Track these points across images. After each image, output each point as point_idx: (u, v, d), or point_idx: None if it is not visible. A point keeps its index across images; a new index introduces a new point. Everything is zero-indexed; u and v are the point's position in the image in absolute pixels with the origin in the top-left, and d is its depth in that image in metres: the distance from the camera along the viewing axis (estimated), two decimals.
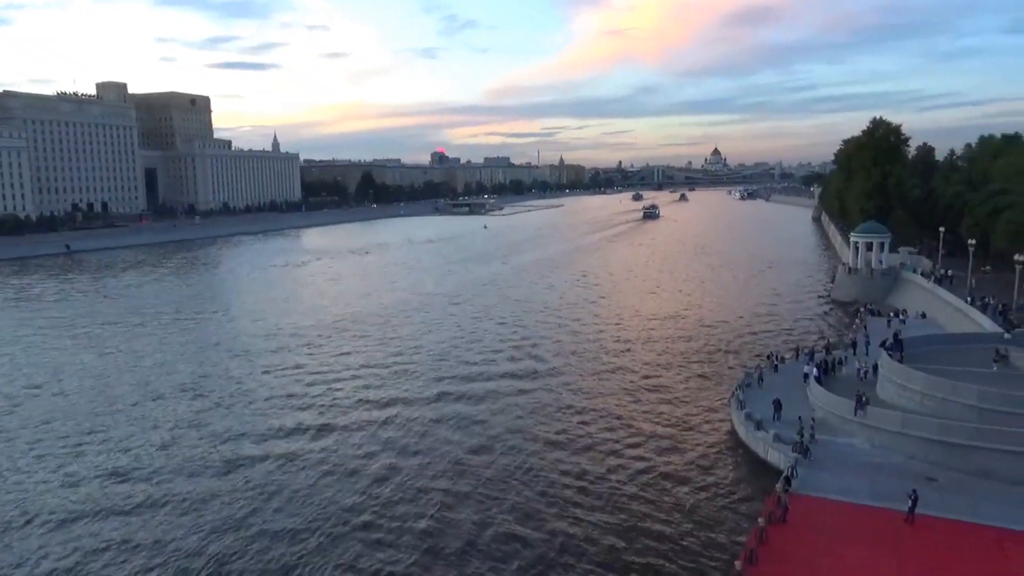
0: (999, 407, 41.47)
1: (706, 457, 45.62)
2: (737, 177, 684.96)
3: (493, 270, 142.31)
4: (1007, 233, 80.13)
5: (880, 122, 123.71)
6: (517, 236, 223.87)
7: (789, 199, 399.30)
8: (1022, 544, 32.50)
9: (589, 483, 42.27)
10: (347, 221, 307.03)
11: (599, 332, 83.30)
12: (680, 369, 66.38)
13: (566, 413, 54.52)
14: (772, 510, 34.84)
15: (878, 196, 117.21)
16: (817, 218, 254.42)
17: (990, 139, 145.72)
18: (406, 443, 48.95)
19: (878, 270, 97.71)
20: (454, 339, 79.87)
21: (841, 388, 49.55)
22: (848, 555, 31.85)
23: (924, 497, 34.69)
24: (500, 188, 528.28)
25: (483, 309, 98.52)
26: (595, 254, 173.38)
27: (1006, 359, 50.90)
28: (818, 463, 40.42)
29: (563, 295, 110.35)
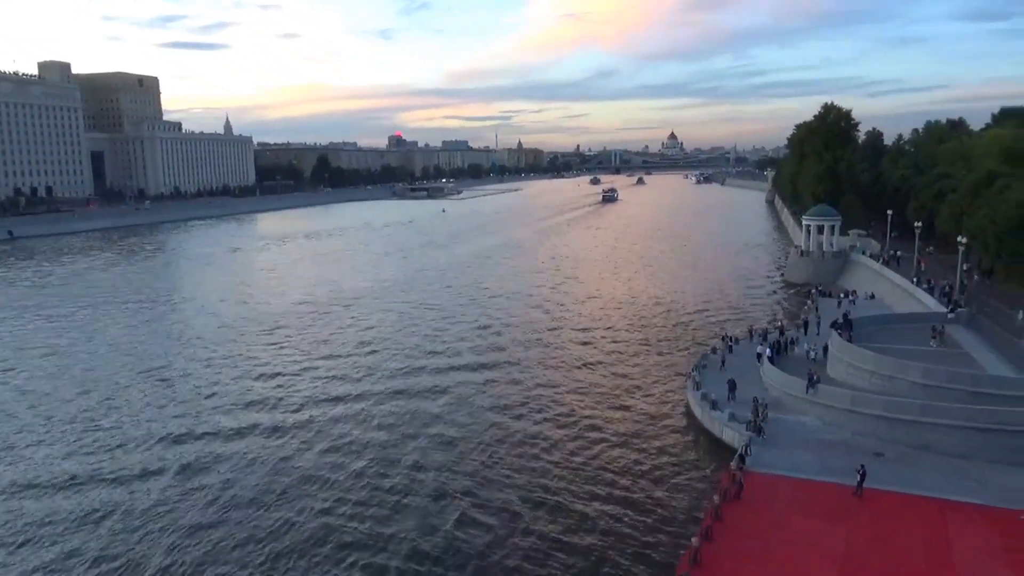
0: (942, 384, 43.08)
1: (663, 437, 46.46)
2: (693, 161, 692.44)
3: (453, 255, 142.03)
4: (950, 216, 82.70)
5: (831, 107, 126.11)
6: (476, 220, 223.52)
7: (744, 183, 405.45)
8: (962, 513, 33.92)
9: (550, 464, 42.77)
10: (303, 206, 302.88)
11: (560, 315, 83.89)
12: (639, 351, 67.28)
13: (527, 396, 54.85)
14: (727, 487, 35.73)
15: (829, 180, 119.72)
16: (771, 201, 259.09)
17: (936, 125, 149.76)
18: (369, 432, 48.76)
19: (829, 252, 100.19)
20: (416, 325, 79.59)
21: (793, 367, 50.83)
22: (800, 528, 32.89)
23: (872, 471, 35.95)
24: (458, 172, 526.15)
25: (444, 294, 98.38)
26: (555, 237, 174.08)
27: (942, 335, 53.66)
28: (771, 441, 41.51)
29: (524, 279, 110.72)
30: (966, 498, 35.13)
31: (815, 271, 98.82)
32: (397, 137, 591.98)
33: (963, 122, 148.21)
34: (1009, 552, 30.96)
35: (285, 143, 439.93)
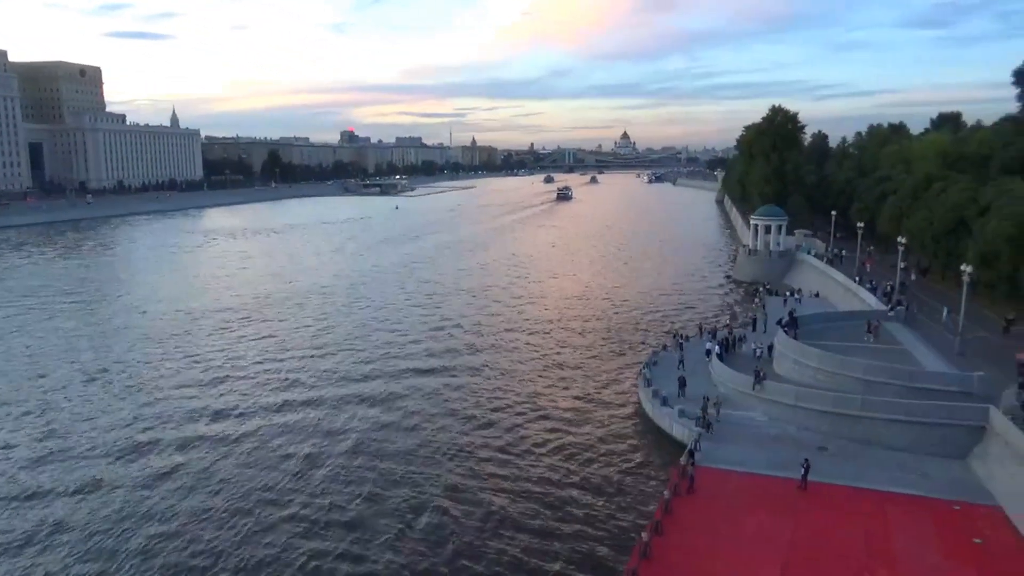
0: (882, 379, 44.51)
1: (615, 433, 47.00)
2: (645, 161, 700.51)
3: (407, 251, 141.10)
4: (891, 217, 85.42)
5: (779, 110, 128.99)
6: (430, 217, 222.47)
7: (694, 183, 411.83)
8: (901, 505, 35.17)
9: (504, 461, 42.95)
10: (253, 201, 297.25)
11: (514, 313, 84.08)
12: (592, 348, 67.88)
13: (480, 394, 54.91)
14: (677, 482, 36.36)
15: (776, 181, 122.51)
16: (720, 201, 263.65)
17: (878, 129, 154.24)
18: (323, 430, 48.25)
19: (776, 251, 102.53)
20: (369, 322, 78.90)
21: (741, 364, 51.99)
22: (747, 522, 33.65)
23: (816, 465, 37.07)
24: (412, 169, 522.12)
25: (398, 291, 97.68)
26: (510, 235, 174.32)
27: (877, 329, 56.15)
28: (720, 436, 42.37)
29: (478, 276, 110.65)
30: (905, 490, 36.44)
31: (763, 270, 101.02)
32: (350, 133, 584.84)
33: (904, 126, 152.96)
34: (944, 541, 32.22)
35: (234, 137, 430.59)
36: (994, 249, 57.80)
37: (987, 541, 31.90)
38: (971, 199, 67.61)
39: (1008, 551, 31.13)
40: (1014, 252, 55.86)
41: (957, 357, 49.64)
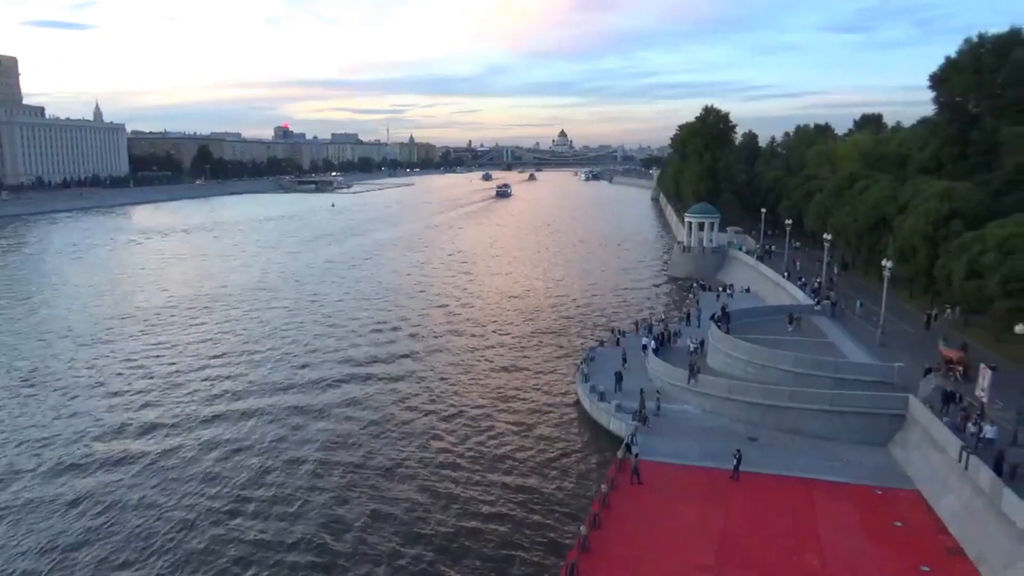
0: (809, 371, 46.16)
1: (553, 429, 47.48)
2: (583, 159, 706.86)
3: (345, 249, 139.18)
4: (817, 214, 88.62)
5: (711, 110, 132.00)
6: (368, 214, 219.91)
7: (630, 181, 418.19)
8: (827, 491, 36.61)
9: (444, 461, 42.90)
10: (182, 198, 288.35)
11: (454, 310, 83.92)
12: (531, 345, 68.32)
13: (421, 394, 54.65)
14: (614, 476, 37.01)
15: (709, 179, 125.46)
16: (656, 199, 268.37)
17: (805, 129, 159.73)
18: (262, 437, 47.26)
19: (709, 248, 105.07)
20: (305, 323, 77.56)
21: (676, 359, 53.11)
22: (682, 513, 34.50)
23: (747, 455, 38.23)
24: (348, 166, 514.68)
25: (337, 290, 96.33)
26: (449, 232, 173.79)
27: (799, 321, 59.05)
28: (656, 430, 43.29)
29: (418, 274, 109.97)
30: (831, 477, 37.96)
31: (696, 266, 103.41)
32: (284, 128, 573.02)
33: (829, 127, 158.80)
34: (867, 524, 33.65)
35: (162, 132, 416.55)
36: (911, 245, 60.55)
37: (906, 523, 33.49)
38: (891, 197, 70.65)
39: (925, 532, 32.75)
40: (929, 248, 58.61)
41: (879, 349, 51.91)
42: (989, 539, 29.70)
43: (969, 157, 71.92)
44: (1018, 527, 27.72)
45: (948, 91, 74.20)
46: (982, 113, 71.24)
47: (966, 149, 72.51)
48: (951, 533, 32.19)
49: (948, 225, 57.49)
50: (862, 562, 30.63)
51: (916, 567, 29.90)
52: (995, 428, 33.03)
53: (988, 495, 30.37)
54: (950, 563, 30.18)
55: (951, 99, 74.33)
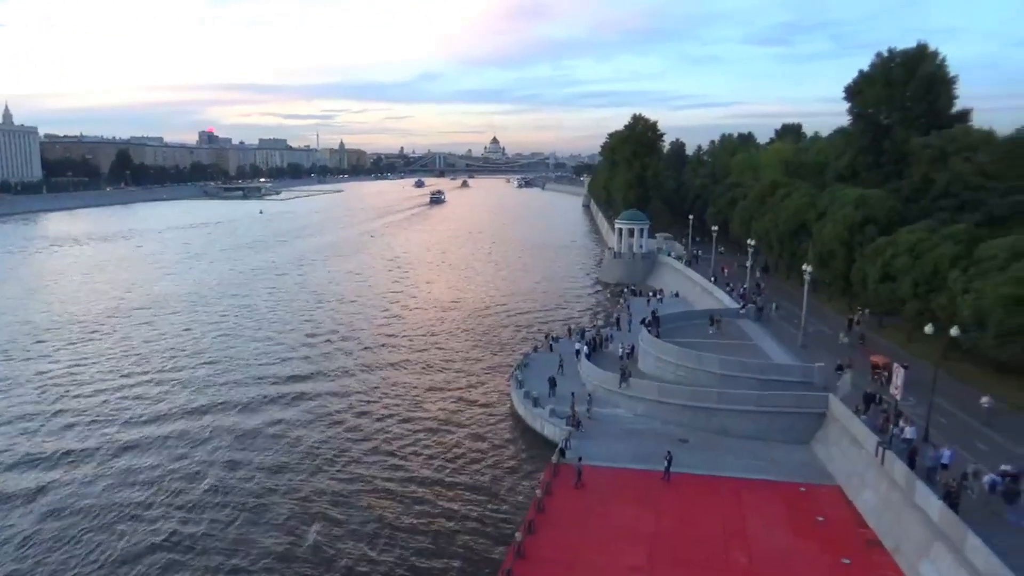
0: (735, 373, 47.53)
1: (490, 437, 47.51)
2: (515, 166, 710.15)
3: (274, 257, 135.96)
4: (741, 221, 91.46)
5: (639, 118, 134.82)
6: (298, 222, 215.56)
7: (562, 187, 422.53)
8: (754, 490, 37.73)
9: (381, 468, 42.46)
10: (100, 204, 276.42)
11: (388, 318, 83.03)
12: (467, 353, 68.18)
13: (356, 403, 53.92)
14: (548, 480, 37.25)
15: (638, 186, 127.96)
16: (587, 205, 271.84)
17: (729, 138, 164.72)
18: (191, 451, 45.70)
19: (639, 254, 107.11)
20: (233, 334, 75.41)
21: (608, 363, 53.91)
22: (615, 514, 34.98)
23: (678, 457, 39.04)
24: (277, 172, 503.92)
25: (265, 300, 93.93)
26: (382, 239, 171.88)
27: (720, 323, 61.32)
28: (589, 433, 43.79)
29: (351, 282, 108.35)
30: (758, 475, 39.15)
31: (627, 271, 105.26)
32: (209, 133, 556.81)
33: (752, 136, 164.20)
34: (792, 520, 34.85)
35: (78, 136, 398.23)
36: (829, 250, 63.08)
37: (828, 518, 34.82)
38: (810, 204, 73.47)
39: (846, 526, 34.11)
40: (846, 253, 61.17)
41: (800, 350, 53.84)
42: (904, 530, 31.12)
43: (882, 166, 75.40)
44: (930, 518, 29.11)
45: (862, 103, 77.59)
46: (893, 124, 74.71)
47: (879, 158, 76.00)
48: (870, 526, 33.62)
49: (863, 231, 60.15)
50: (787, 557, 31.67)
51: (838, 560, 31.09)
52: (914, 428, 34.63)
53: (903, 489, 31.82)
54: (869, 554, 31.49)
55: (864, 111, 77.76)
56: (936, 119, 71.70)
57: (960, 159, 61.24)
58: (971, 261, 45.06)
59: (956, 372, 45.75)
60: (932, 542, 28.70)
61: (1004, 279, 40.25)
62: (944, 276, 46.98)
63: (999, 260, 42.40)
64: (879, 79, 74.98)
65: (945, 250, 48.33)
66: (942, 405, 39.94)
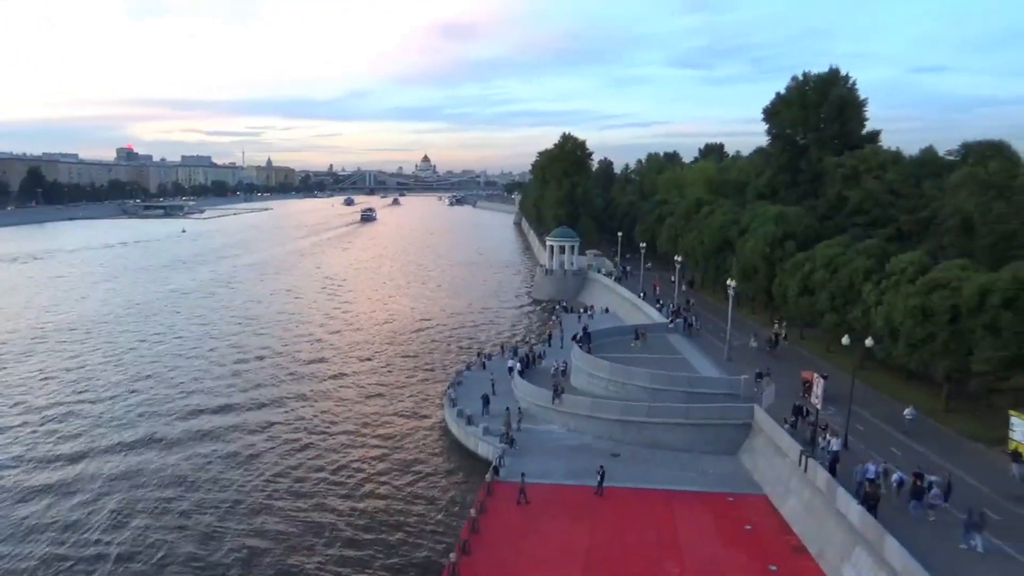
0: (664, 386, 48.48)
1: (424, 457, 47.03)
2: (446, 184, 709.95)
3: (198, 278, 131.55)
4: (668, 237, 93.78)
5: (568, 137, 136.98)
6: (223, 240, 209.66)
7: (493, 205, 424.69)
8: (685, 501, 38.39)
9: (311, 489, 41.58)
10: (8, 224, 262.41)
11: (319, 338, 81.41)
12: (399, 372, 67.46)
13: (287, 424, 52.70)
14: (483, 500, 37.03)
15: (568, 204, 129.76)
16: (518, 223, 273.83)
17: (655, 157, 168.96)
18: (119, 483, 43.61)
19: (570, 271, 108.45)
20: (156, 358, 72.43)
21: (541, 380, 54.15)
22: (550, 532, 35.01)
23: (610, 471, 39.39)
24: (201, 189, 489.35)
25: (187, 324, 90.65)
26: (313, 258, 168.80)
27: (644, 337, 62.84)
28: (523, 451, 43.80)
29: (281, 302, 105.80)
30: (688, 487, 39.87)
31: (559, 288, 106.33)
32: (128, 150, 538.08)
33: (677, 155, 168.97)
34: (722, 530, 35.58)
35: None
36: (752, 265, 65.26)
37: (756, 526, 35.70)
38: (733, 221, 75.96)
39: (772, 533, 35.04)
40: (767, 268, 63.41)
41: (726, 363, 55.35)
42: (827, 535, 32.19)
43: (799, 184, 78.76)
44: (851, 523, 30.22)
45: (779, 124, 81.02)
46: (809, 144, 78.25)
47: (796, 177, 79.38)
48: (795, 532, 34.63)
49: (783, 246, 62.53)
50: (717, 566, 32.30)
51: (765, 567, 31.86)
52: (839, 441, 35.82)
53: (825, 495, 32.95)
54: (794, 560, 32.41)
55: (782, 131, 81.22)
56: (848, 140, 75.50)
57: (871, 178, 64.56)
58: (883, 275, 47.30)
59: (872, 381, 47.91)
60: (853, 546, 29.77)
61: (912, 291, 42.38)
62: (858, 289, 49.17)
63: (908, 273, 44.66)
64: (795, 101, 78.46)
65: (859, 264, 50.62)
66: (862, 415, 41.76)
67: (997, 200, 48.08)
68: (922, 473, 32.03)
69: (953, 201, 52.60)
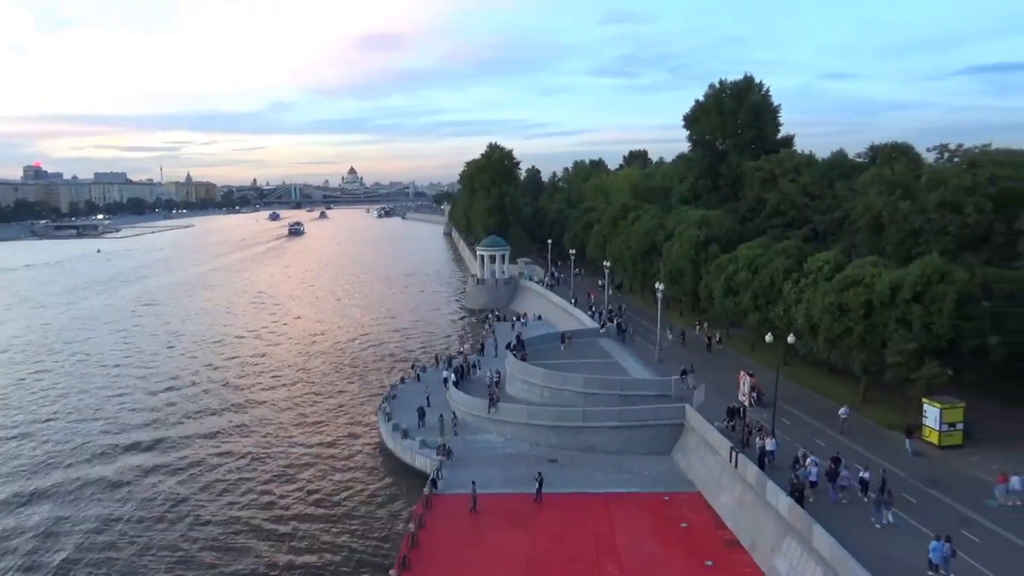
0: (598, 391, 49.09)
1: (359, 473, 46.38)
2: (374, 196, 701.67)
3: (117, 299, 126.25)
4: (597, 243, 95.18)
5: (496, 147, 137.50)
6: (142, 260, 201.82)
7: (423, 216, 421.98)
8: (622, 503, 38.93)
9: (245, 510, 40.66)
10: None
11: (248, 357, 79.33)
12: (333, 387, 66.36)
13: (220, 443, 51.38)
14: (421, 514, 36.68)
15: (497, 213, 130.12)
16: (448, 233, 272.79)
17: (582, 164, 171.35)
18: (23, 526, 41.23)
19: (501, 279, 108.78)
20: (75, 388, 69.07)
21: (476, 390, 54.11)
22: (490, 541, 35.00)
23: (548, 477, 39.65)
24: (117, 207, 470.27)
25: (109, 347, 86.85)
26: (239, 274, 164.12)
27: (570, 341, 64.22)
28: (460, 462, 43.60)
29: (207, 321, 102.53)
30: (624, 489, 40.46)
31: (491, 297, 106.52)
32: (36, 168, 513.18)
33: (603, 162, 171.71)
34: (658, 529, 36.26)
35: None
36: (678, 268, 66.81)
37: (691, 524, 36.47)
38: (659, 226, 77.62)
39: (707, 529, 35.88)
40: (693, 270, 65.04)
41: (658, 365, 56.46)
42: (759, 528, 33.17)
43: (720, 188, 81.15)
44: (780, 515, 31.22)
45: (699, 130, 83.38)
46: (727, 150, 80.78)
47: (717, 181, 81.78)
48: (728, 527, 35.57)
49: (707, 249, 64.23)
50: (655, 566, 32.86)
51: (702, 563, 32.58)
52: (774, 441, 36.77)
53: (755, 489, 33.95)
54: (729, 555, 33.26)
55: (702, 137, 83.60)
56: (764, 144, 78.26)
57: (787, 180, 67.04)
58: (801, 273, 49.11)
59: (796, 377, 49.65)
60: (784, 537, 30.76)
61: (829, 288, 44.16)
62: (779, 288, 50.89)
63: (824, 271, 46.49)
64: (713, 108, 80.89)
65: (779, 264, 52.40)
66: (789, 410, 43.15)
67: (903, 199, 50.57)
68: (839, 458, 33.48)
69: (863, 201, 55.07)
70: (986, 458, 34.42)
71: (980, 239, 47.00)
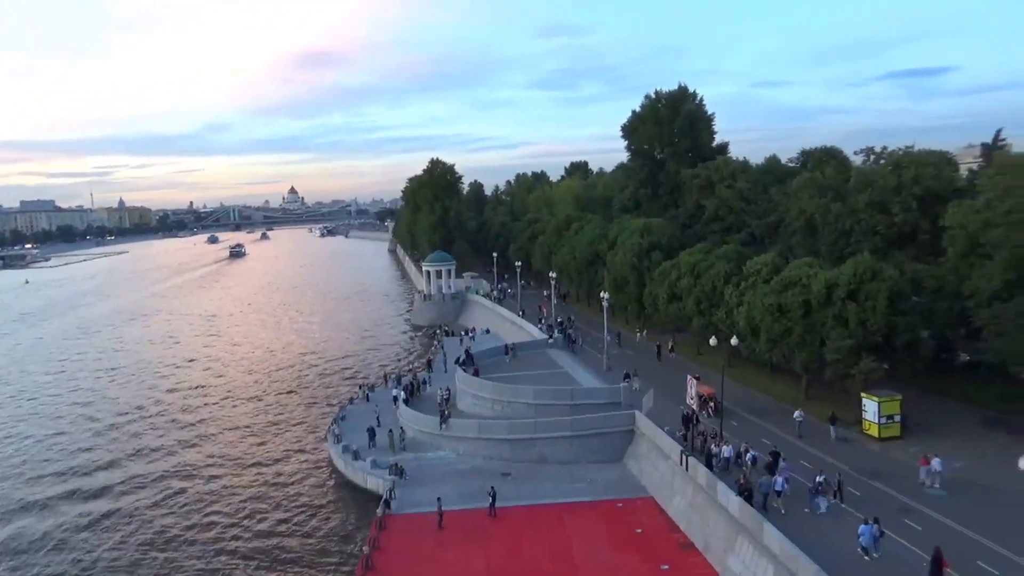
0: (549, 401, 49.20)
1: (310, 496, 45.44)
2: (316, 215, 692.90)
3: (48, 331, 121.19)
4: (542, 255, 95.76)
5: (438, 162, 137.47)
6: (75, 288, 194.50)
7: (366, 234, 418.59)
8: (576, 512, 38.98)
9: (193, 537, 39.59)
10: None
11: (194, 383, 77.23)
12: (282, 412, 64.97)
13: (170, 481, 49.58)
14: (375, 535, 36.11)
15: (441, 228, 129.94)
16: (393, 250, 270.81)
17: (524, 177, 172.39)
18: None
19: (448, 294, 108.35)
20: (5, 428, 66.14)
21: (427, 407, 53.64)
22: (445, 559, 34.62)
23: (501, 491, 39.53)
24: (45, 236, 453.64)
25: (42, 382, 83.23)
26: (180, 300, 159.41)
27: (514, 352, 65.03)
28: (413, 480, 43.11)
29: (146, 349, 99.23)
30: (578, 498, 40.51)
31: (438, 313, 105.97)
32: None
33: (545, 174, 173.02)
34: (613, 536, 36.39)
35: None
36: (623, 276, 67.64)
37: (645, 529, 36.76)
38: (602, 235, 78.55)
39: (661, 533, 36.19)
40: (637, 278, 65.92)
41: (606, 373, 56.91)
42: (711, 530, 33.62)
43: (660, 196, 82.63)
44: (731, 515, 31.73)
45: (637, 140, 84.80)
46: (665, 159, 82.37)
47: (657, 190, 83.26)
48: (682, 530, 35.94)
49: (650, 256, 65.21)
50: (612, 572, 32.98)
51: (657, 567, 32.83)
52: (730, 448, 37.30)
53: (706, 490, 34.44)
54: (683, 557, 33.60)
55: (640, 147, 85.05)
56: (701, 152, 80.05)
57: (724, 187, 68.71)
58: (741, 277, 50.29)
59: (741, 378, 50.67)
60: (736, 536, 31.24)
61: (768, 290, 45.32)
62: (721, 292, 52.01)
63: (763, 274, 47.72)
64: (649, 118, 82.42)
65: (719, 268, 53.57)
66: (735, 411, 43.96)
67: (834, 201, 52.37)
68: (778, 452, 34.61)
69: (797, 204, 56.81)
70: (924, 448, 35.60)
71: (907, 237, 48.98)
